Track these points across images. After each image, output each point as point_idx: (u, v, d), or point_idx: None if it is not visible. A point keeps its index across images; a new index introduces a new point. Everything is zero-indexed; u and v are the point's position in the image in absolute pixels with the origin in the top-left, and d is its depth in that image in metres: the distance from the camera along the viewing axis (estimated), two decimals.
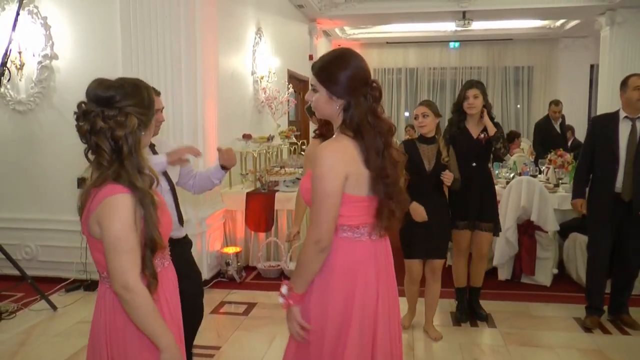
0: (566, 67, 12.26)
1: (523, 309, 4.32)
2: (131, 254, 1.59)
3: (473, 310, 4.13)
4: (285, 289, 1.84)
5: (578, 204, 4.00)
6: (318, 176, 1.74)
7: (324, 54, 1.91)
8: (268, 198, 5.22)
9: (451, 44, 12.69)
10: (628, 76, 3.88)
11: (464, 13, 9.27)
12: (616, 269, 4.00)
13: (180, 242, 2.83)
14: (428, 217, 3.54)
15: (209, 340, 3.71)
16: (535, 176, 5.59)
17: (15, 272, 4.31)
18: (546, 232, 4.74)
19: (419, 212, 3.50)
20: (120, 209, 1.58)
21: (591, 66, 12.01)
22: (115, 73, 4.83)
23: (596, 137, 3.91)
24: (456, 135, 3.88)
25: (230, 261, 4.99)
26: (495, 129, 3.79)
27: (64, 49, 4.89)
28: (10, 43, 4.12)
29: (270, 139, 5.99)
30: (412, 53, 13.04)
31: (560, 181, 5.38)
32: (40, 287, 4.34)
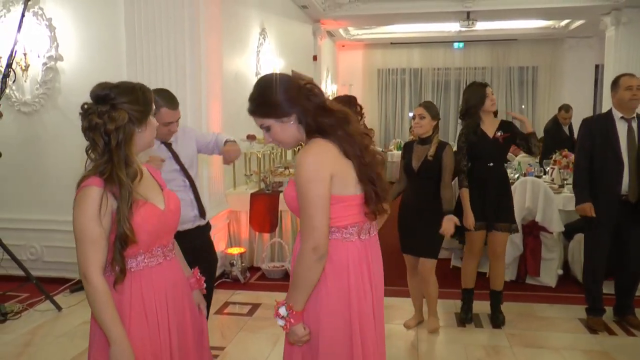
0: (571, 68, 12.24)
1: (528, 309, 4.30)
2: (93, 245, 1.65)
3: (492, 314, 4.04)
4: (284, 310, 1.76)
5: (587, 208, 3.82)
6: (304, 181, 1.71)
7: (250, 96, 1.89)
8: (272, 199, 5.22)
9: (455, 45, 12.68)
10: (619, 76, 3.86)
11: (468, 13, 9.25)
12: (620, 271, 3.97)
13: (204, 229, 3.02)
14: (415, 217, 3.68)
15: (213, 341, 3.69)
16: (540, 177, 5.58)
17: (21, 273, 4.33)
18: (551, 233, 4.72)
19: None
20: (86, 201, 1.66)
21: (596, 66, 11.98)
22: (120, 74, 4.86)
23: (595, 139, 3.82)
24: (472, 141, 3.83)
25: (235, 262, 5.00)
26: (532, 128, 3.86)
27: (69, 50, 4.91)
28: (15, 44, 4.13)
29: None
30: (416, 53, 13.03)
31: (565, 182, 5.36)
32: (45, 288, 4.36)
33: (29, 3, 4.30)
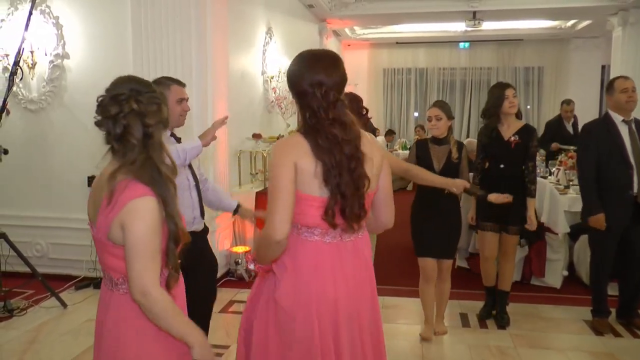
0: (577, 68, 12.18)
1: (533, 310, 4.30)
2: (153, 259, 1.57)
3: (496, 314, 4.05)
4: (252, 267, 1.97)
5: (601, 220, 3.74)
6: (272, 166, 1.79)
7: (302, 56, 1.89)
8: None
9: (461, 44, 12.65)
10: (613, 79, 3.86)
11: (474, 13, 9.22)
12: (627, 273, 3.96)
13: (201, 234, 2.93)
14: (437, 218, 3.58)
15: (218, 339, 3.72)
16: (545, 177, 5.56)
17: (26, 270, 4.34)
18: (556, 234, 4.71)
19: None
20: (144, 213, 1.55)
21: (602, 67, 11.92)
22: (126, 72, 4.86)
23: (599, 145, 3.78)
24: (490, 137, 3.81)
25: (240, 260, 5.00)
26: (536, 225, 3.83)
27: (76, 48, 4.93)
28: (22, 42, 4.14)
29: (280, 138, 6.00)
30: (422, 53, 12.99)
31: (570, 183, 5.34)
32: (51, 285, 4.38)
33: (37, 1, 4.32)
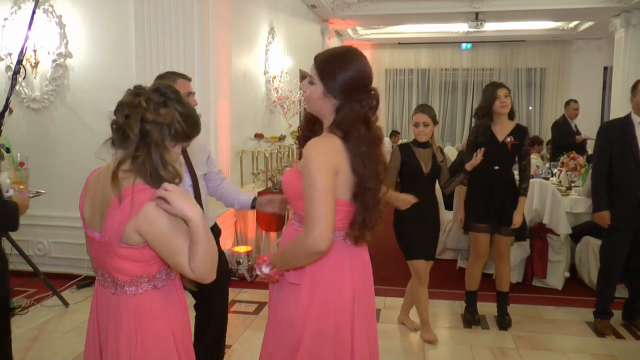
0: (579, 69, 12.19)
1: (534, 312, 4.29)
2: (183, 249, 1.57)
3: (499, 315, 4.04)
4: (266, 269, 1.85)
5: (605, 217, 3.79)
6: (315, 170, 1.66)
7: (330, 48, 1.85)
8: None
9: (463, 45, 12.66)
10: (638, 81, 3.84)
11: (476, 14, 9.23)
12: (634, 276, 3.95)
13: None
14: (424, 220, 3.59)
15: None
16: (547, 179, 5.56)
17: (28, 268, 4.35)
18: (558, 235, 4.70)
19: (407, 199, 3.42)
20: (162, 218, 1.55)
21: (604, 68, 11.92)
22: (129, 72, 4.89)
23: (613, 144, 3.80)
24: (484, 138, 3.80)
25: (241, 260, 5.00)
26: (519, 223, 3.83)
27: (78, 47, 4.93)
28: (25, 41, 4.15)
29: (282, 138, 6.01)
30: (424, 54, 13.01)
31: (572, 184, 5.34)
32: (53, 284, 4.38)
33: (40, 0, 4.33)
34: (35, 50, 4.88)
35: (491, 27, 10.49)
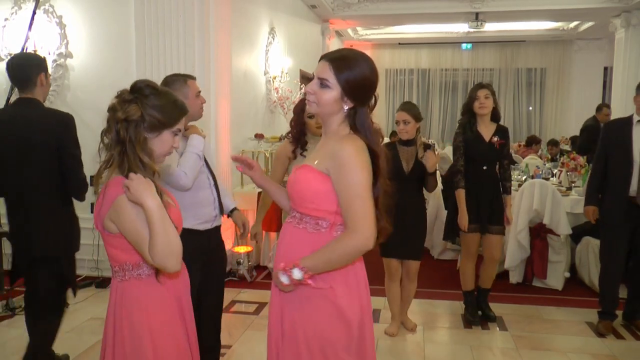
0: (579, 70, 12.19)
1: (534, 312, 4.29)
2: (144, 244, 1.63)
3: (482, 312, 4.11)
4: (299, 274, 1.68)
5: (590, 212, 3.93)
6: (357, 169, 1.67)
7: (344, 50, 1.79)
8: None
9: (463, 46, 12.67)
10: None
11: (477, 14, 9.24)
12: (634, 275, 3.95)
13: (219, 229, 2.90)
14: (404, 219, 3.50)
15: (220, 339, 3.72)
16: (548, 179, 5.56)
17: None
18: (558, 236, 4.70)
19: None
20: (131, 211, 1.63)
21: (605, 68, 11.93)
22: (129, 72, 4.87)
23: (610, 142, 3.85)
24: (469, 139, 3.86)
25: (242, 260, 5.00)
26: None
27: (79, 47, 4.93)
28: (26, 41, 4.16)
29: (282, 138, 6.00)
30: (425, 54, 13.02)
31: (573, 184, 5.35)
32: None
33: (40, 1, 4.33)
34: (35, 51, 4.87)
35: (491, 28, 10.50)
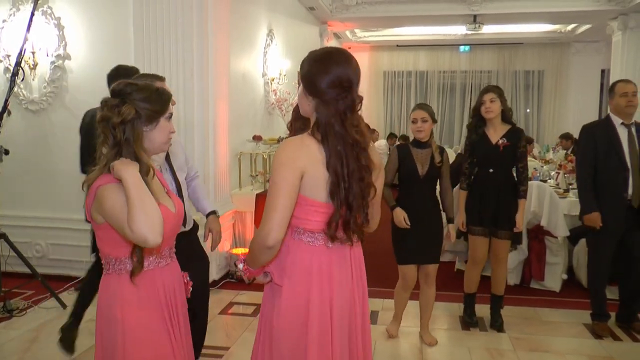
0: (577, 72, 12.22)
1: (532, 314, 4.30)
2: (124, 217, 1.64)
3: (491, 318, 4.04)
4: (240, 266, 1.85)
5: (596, 219, 3.75)
6: (277, 164, 1.69)
7: (315, 49, 1.85)
8: None
9: (462, 48, 12.68)
10: (615, 82, 3.87)
11: (474, 17, 9.26)
12: (626, 277, 3.95)
13: (187, 234, 2.82)
14: (420, 222, 3.52)
15: (218, 341, 3.72)
16: (545, 181, 5.57)
17: (26, 270, 4.35)
18: (556, 238, 4.71)
19: (399, 219, 3.49)
20: (110, 196, 1.67)
21: (602, 71, 11.95)
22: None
23: (598, 146, 3.79)
24: (475, 142, 3.85)
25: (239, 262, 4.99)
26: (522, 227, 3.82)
27: (77, 49, 4.93)
28: (24, 43, 4.15)
29: (280, 140, 6.01)
30: (423, 56, 13.04)
31: (570, 186, 5.36)
32: (50, 285, 4.37)
33: (39, 2, 4.32)
34: (33, 52, 4.88)
35: (489, 30, 10.52)
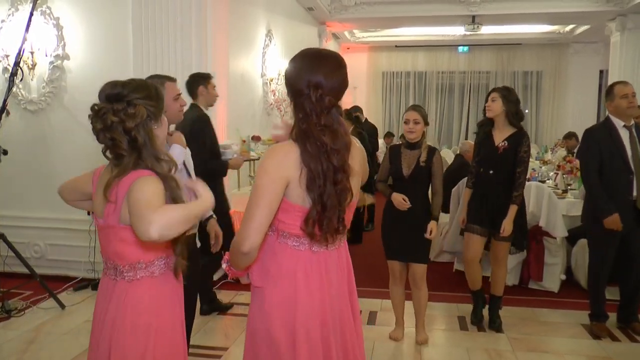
0: (575, 73, 12.24)
1: (530, 314, 4.31)
2: (150, 206, 1.58)
3: (490, 319, 4.03)
4: (225, 265, 1.80)
5: (617, 220, 3.65)
6: (261, 171, 1.66)
7: (303, 53, 1.80)
8: None
9: (460, 48, 12.69)
10: (612, 84, 3.87)
11: (473, 17, 9.27)
12: (626, 277, 3.95)
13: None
14: (402, 222, 3.58)
15: (217, 341, 3.72)
16: (543, 182, 5.58)
17: (25, 270, 4.35)
18: (554, 238, 4.72)
19: (398, 200, 3.55)
20: (149, 185, 1.62)
21: (600, 72, 11.98)
22: (126, 73, 4.83)
23: (602, 148, 3.78)
24: (481, 141, 3.90)
25: None
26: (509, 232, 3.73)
27: (76, 49, 4.93)
28: (23, 43, 4.14)
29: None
30: (421, 57, 13.04)
31: (569, 187, 5.36)
32: (49, 286, 4.37)
33: (37, 2, 4.32)
34: (32, 52, 4.88)
35: (488, 30, 10.54)
